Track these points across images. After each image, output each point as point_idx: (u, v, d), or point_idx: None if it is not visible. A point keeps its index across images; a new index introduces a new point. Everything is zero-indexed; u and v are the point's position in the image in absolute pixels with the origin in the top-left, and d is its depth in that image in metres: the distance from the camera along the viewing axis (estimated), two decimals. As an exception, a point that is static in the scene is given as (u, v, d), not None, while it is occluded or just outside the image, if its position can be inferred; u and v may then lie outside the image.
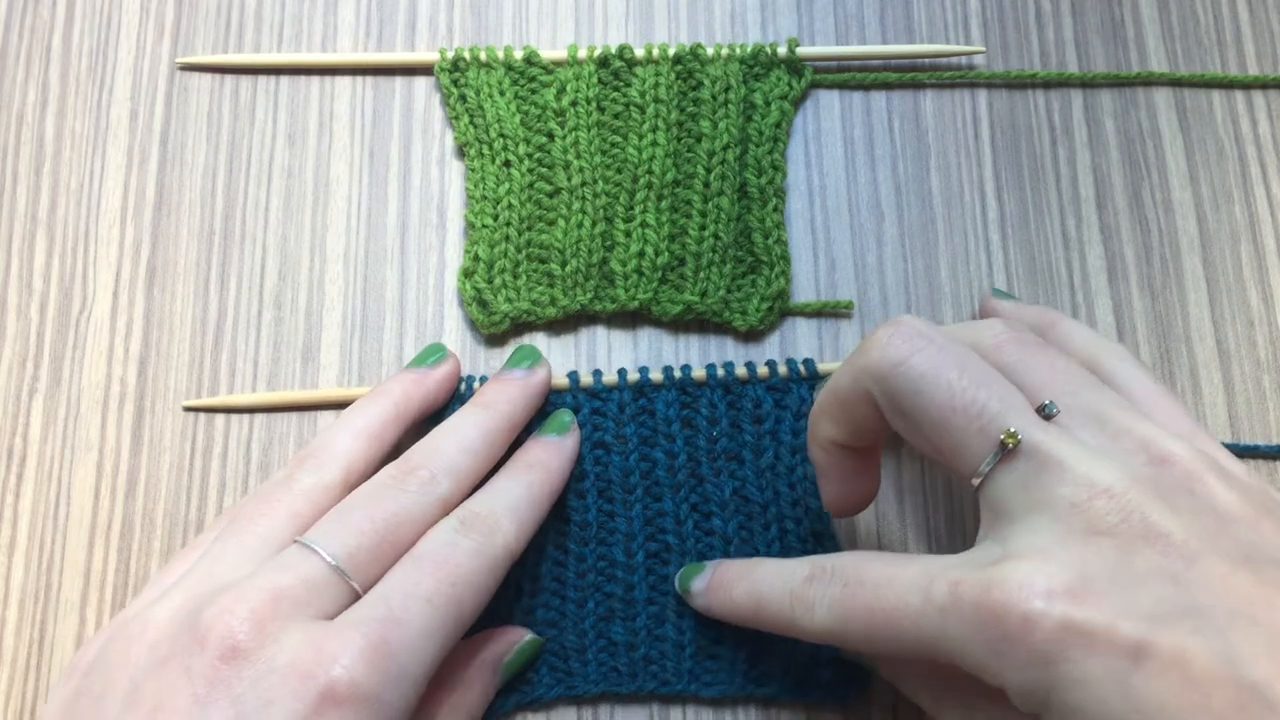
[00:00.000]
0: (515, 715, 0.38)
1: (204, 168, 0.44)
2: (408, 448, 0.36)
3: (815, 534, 0.39)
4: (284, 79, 0.45)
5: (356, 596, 0.32)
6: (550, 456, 0.37)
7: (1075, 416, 0.31)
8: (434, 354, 0.39)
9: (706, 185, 0.43)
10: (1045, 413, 0.31)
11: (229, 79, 0.45)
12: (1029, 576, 0.28)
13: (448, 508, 0.35)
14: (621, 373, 0.40)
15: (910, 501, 0.41)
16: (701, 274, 0.42)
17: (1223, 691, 0.27)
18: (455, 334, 0.42)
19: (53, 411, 0.41)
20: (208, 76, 0.45)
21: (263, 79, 0.45)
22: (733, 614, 0.36)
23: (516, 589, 0.38)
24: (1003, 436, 0.30)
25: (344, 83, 0.45)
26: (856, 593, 0.31)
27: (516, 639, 0.37)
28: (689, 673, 0.37)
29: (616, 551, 0.39)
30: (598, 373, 0.40)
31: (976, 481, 0.31)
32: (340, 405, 0.41)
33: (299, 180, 0.44)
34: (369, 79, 0.45)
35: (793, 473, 0.39)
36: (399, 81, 0.45)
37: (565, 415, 0.39)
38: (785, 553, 0.39)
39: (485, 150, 0.43)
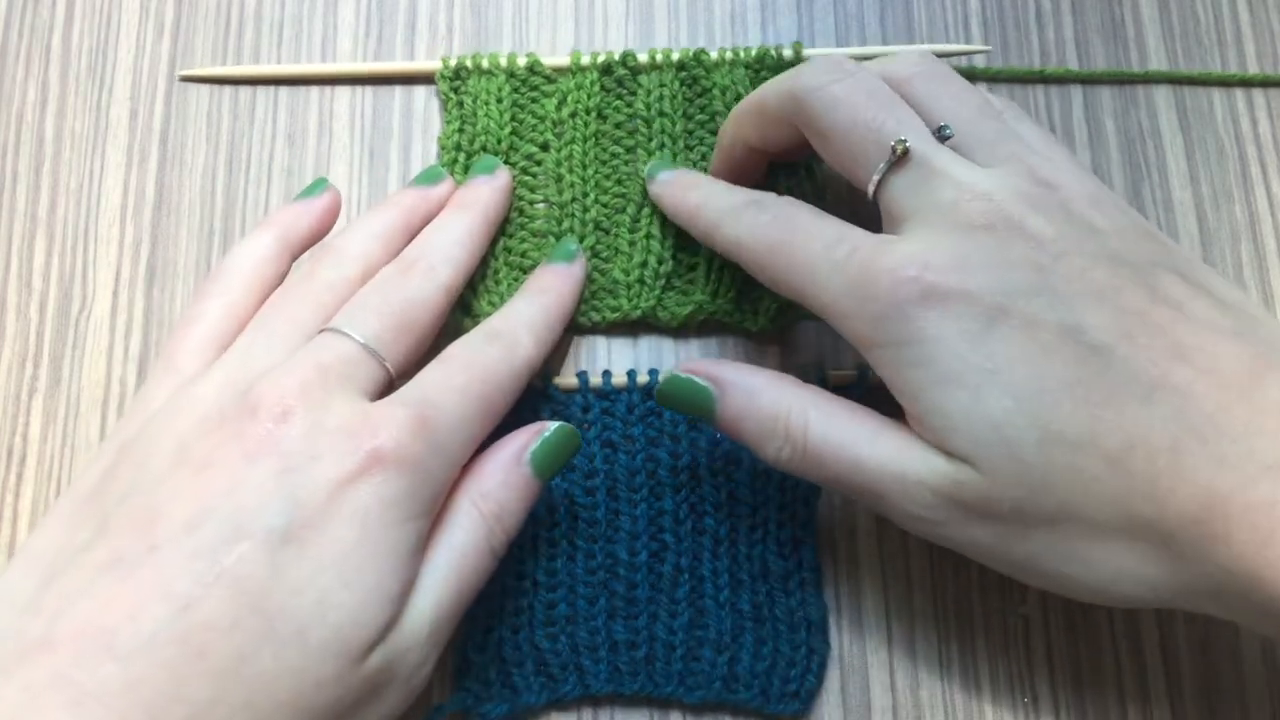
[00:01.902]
0: (522, 715, 0.38)
1: (204, 168, 0.44)
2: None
3: (796, 540, 0.39)
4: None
5: (388, 375, 0.34)
6: (560, 281, 0.40)
7: (969, 141, 0.35)
8: (435, 177, 0.41)
9: None
10: (940, 134, 0.35)
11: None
12: (910, 252, 0.32)
13: (451, 294, 0.37)
14: (631, 374, 0.40)
15: None
16: (713, 275, 0.42)
17: (1065, 350, 0.30)
18: (447, 338, 0.42)
19: (53, 411, 0.41)
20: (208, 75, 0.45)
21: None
22: (679, 210, 0.40)
23: (533, 582, 0.39)
24: (893, 144, 0.34)
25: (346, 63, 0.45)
26: (782, 228, 0.35)
27: (542, 428, 0.36)
28: (677, 675, 0.38)
29: (620, 550, 0.39)
30: (607, 374, 0.41)
31: (872, 188, 0.34)
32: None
33: (299, 180, 0.44)
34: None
35: (785, 478, 0.39)
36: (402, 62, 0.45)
37: (571, 243, 0.41)
38: (766, 555, 0.39)
39: (460, 158, 0.43)
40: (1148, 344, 0.30)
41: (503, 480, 0.35)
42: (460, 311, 0.41)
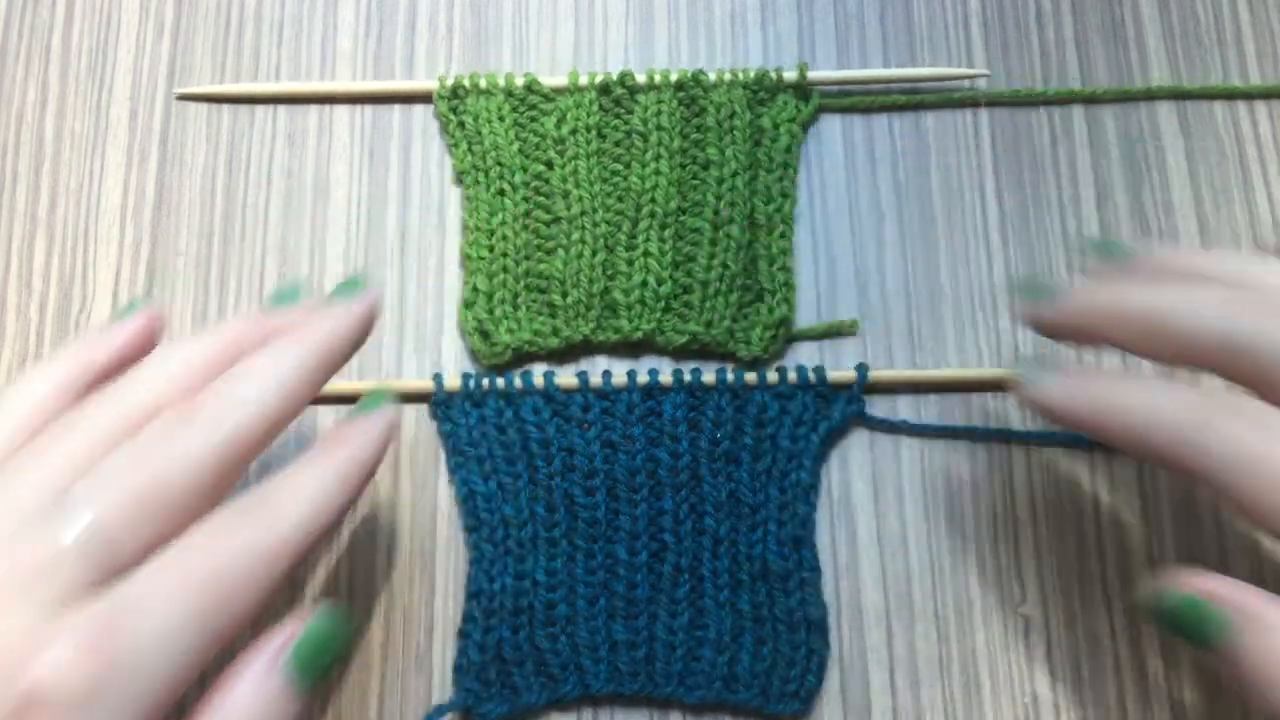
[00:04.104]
0: (522, 715, 0.38)
1: (204, 168, 0.44)
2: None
3: (796, 540, 0.39)
4: (284, 76, 0.45)
5: (126, 557, 0.28)
6: (356, 439, 0.32)
7: None
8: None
9: (716, 213, 0.42)
10: None
11: (229, 76, 0.45)
12: None
13: (239, 449, 0.30)
14: (631, 374, 0.40)
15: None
16: (708, 303, 0.42)
17: None
18: (455, 361, 0.42)
19: (53, 411, 0.41)
20: (207, 74, 0.45)
21: (262, 75, 0.45)
22: (1091, 423, 0.32)
23: (533, 582, 0.38)
24: None
25: (344, 82, 0.45)
26: (1265, 439, 0.29)
27: (299, 624, 0.29)
28: (677, 675, 0.38)
29: (620, 550, 0.39)
30: (607, 374, 0.41)
31: None
32: (344, 400, 0.41)
33: (299, 180, 0.44)
34: (370, 79, 0.45)
35: (785, 478, 0.39)
36: (399, 81, 0.45)
37: (379, 396, 0.34)
38: (766, 555, 0.39)
39: (481, 178, 0.43)
40: None
41: (250, 688, 0.28)
42: (481, 339, 0.41)
